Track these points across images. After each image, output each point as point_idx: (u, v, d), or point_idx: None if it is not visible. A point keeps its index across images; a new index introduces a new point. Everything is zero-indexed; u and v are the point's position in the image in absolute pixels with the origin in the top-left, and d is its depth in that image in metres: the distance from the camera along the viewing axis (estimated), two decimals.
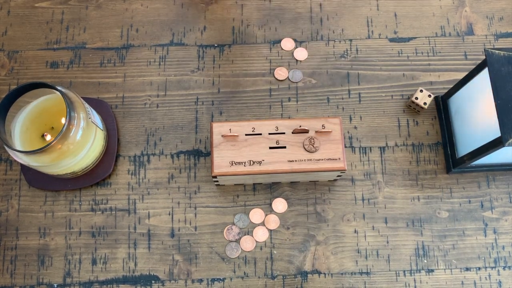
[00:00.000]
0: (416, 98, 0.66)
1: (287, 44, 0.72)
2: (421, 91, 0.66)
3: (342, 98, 0.69)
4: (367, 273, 0.62)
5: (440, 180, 0.66)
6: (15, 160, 0.64)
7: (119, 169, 0.66)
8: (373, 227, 0.64)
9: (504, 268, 0.63)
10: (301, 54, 0.71)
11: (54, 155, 0.56)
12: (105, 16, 0.73)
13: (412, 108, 0.68)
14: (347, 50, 0.72)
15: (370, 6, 0.74)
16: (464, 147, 0.63)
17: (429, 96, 0.66)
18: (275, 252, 0.63)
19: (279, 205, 0.65)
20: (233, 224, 0.64)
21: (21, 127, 0.59)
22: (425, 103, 0.66)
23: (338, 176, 0.62)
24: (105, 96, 0.69)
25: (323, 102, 0.69)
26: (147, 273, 0.63)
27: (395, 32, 0.73)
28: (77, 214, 0.65)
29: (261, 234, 0.64)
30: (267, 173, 0.58)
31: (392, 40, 0.72)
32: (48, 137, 0.59)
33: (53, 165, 0.57)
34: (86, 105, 0.59)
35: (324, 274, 0.63)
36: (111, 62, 0.71)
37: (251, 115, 0.68)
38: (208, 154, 0.67)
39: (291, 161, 0.58)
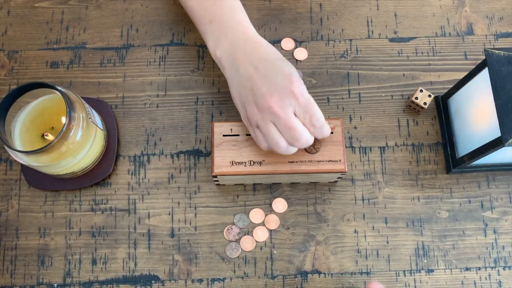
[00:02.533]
0: (416, 98, 0.66)
1: (287, 44, 0.72)
2: (421, 91, 0.66)
3: (342, 98, 0.69)
4: (367, 273, 0.62)
5: (440, 180, 0.66)
6: (15, 160, 0.64)
7: (119, 169, 0.66)
8: (373, 227, 0.64)
9: (504, 268, 0.63)
10: (301, 54, 0.71)
11: (54, 155, 0.56)
12: (105, 16, 0.73)
13: (412, 108, 0.68)
14: (347, 50, 0.72)
15: (370, 6, 0.74)
16: (464, 147, 0.63)
17: (429, 96, 0.66)
18: (275, 252, 0.63)
19: (279, 205, 0.65)
20: (233, 224, 0.64)
21: (21, 127, 0.59)
22: (425, 103, 0.66)
23: (339, 177, 0.62)
24: (105, 96, 0.69)
25: (323, 102, 0.69)
26: (147, 273, 0.63)
27: (395, 32, 0.73)
28: (77, 214, 0.65)
29: (261, 234, 0.64)
30: (268, 173, 0.58)
31: (392, 40, 0.72)
32: (49, 137, 0.59)
33: (53, 165, 0.57)
34: (86, 105, 0.59)
35: (324, 274, 0.63)
36: (111, 62, 0.71)
37: None
38: (208, 154, 0.67)
39: (291, 162, 0.58)
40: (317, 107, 0.53)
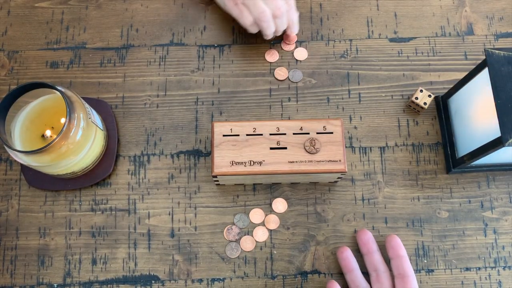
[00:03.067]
0: (416, 98, 0.66)
1: (287, 44, 0.72)
2: (421, 91, 0.66)
3: (342, 98, 0.69)
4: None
5: (440, 180, 0.66)
6: (15, 160, 0.64)
7: (119, 169, 0.66)
8: (373, 227, 0.64)
9: (504, 268, 0.63)
10: (301, 54, 0.71)
11: (54, 155, 0.56)
12: (105, 16, 0.73)
13: (412, 108, 0.68)
14: (347, 50, 0.72)
15: (370, 6, 0.74)
16: (464, 147, 0.63)
17: (429, 96, 0.66)
18: (275, 252, 0.63)
19: (279, 205, 0.65)
20: (233, 224, 0.64)
21: (21, 127, 0.59)
22: (425, 103, 0.66)
23: (339, 178, 0.62)
24: (105, 96, 0.69)
25: (323, 102, 0.69)
26: (147, 273, 0.63)
27: (395, 32, 0.73)
28: (77, 214, 0.65)
29: (261, 234, 0.64)
30: (268, 173, 0.58)
31: (392, 40, 0.72)
32: (49, 137, 0.59)
33: (53, 165, 0.57)
34: (86, 105, 0.59)
35: (324, 274, 0.63)
36: (111, 62, 0.71)
37: (251, 115, 0.68)
38: (208, 154, 0.67)
39: (291, 162, 0.58)
40: None
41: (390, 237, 0.61)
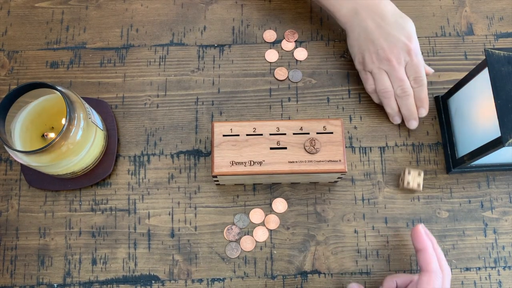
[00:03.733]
0: (408, 183, 0.63)
1: (287, 44, 0.72)
2: (409, 172, 0.64)
3: (342, 98, 0.69)
4: (367, 273, 0.62)
5: (440, 180, 0.66)
6: (15, 160, 0.64)
7: (119, 169, 0.66)
8: (373, 227, 0.64)
9: (504, 268, 0.63)
10: (301, 54, 0.71)
11: (54, 155, 0.56)
12: (105, 16, 0.73)
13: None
14: (347, 50, 0.72)
15: None
16: (464, 147, 0.63)
17: (419, 174, 0.63)
18: (275, 252, 0.63)
19: (279, 205, 0.65)
20: (233, 224, 0.64)
21: (21, 127, 0.59)
22: (418, 185, 0.63)
23: (339, 178, 0.62)
24: (105, 96, 0.69)
25: (323, 102, 0.69)
26: (147, 273, 0.63)
27: None
28: (77, 214, 0.65)
29: (261, 234, 0.64)
30: (268, 173, 0.58)
31: None
32: (49, 137, 0.59)
33: (53, 165, 0.57)
34: (86, 105, 0.59)
35: (324, 274, 0.63)
36: (111, 62, 0.71)
37: (251, 115, 0.68)
38: (208, 154, 0.67)
39: (291, 162, 0.58)
40: (423, 70, 0.64)
41: (413, 229, 0.58)
